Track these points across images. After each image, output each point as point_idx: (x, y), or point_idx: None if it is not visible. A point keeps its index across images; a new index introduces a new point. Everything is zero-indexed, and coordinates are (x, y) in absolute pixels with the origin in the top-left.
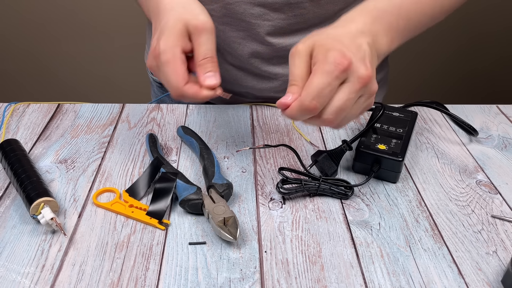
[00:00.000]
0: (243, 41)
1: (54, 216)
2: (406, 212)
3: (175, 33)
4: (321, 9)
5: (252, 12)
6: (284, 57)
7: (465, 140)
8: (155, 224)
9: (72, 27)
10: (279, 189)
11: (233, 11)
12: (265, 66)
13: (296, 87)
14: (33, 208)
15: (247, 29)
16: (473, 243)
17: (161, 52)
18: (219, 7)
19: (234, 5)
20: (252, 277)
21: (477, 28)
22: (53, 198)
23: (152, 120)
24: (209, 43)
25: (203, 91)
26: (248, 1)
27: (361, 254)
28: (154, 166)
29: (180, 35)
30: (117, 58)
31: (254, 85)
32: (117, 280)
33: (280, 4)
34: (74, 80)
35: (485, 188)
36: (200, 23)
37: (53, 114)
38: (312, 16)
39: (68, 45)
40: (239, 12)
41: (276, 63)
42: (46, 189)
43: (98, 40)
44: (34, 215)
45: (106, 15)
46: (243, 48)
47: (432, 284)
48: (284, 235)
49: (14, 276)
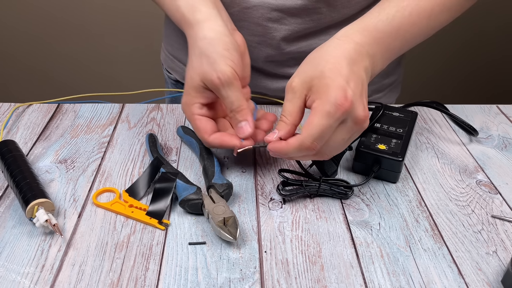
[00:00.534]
0: (258, 45)
1: (48, 218)
2: (406, 212)
3: (192, 91)
4: (337, 13)
5: (270, 16)
6: (298, 58)
7: (465, 140)
8: (155, 224)
9: (72, 27)
10: (279, 191)
11: (250, 15)
12: (280, 68)
13: (284, 124)
14: (28, 211)
15: (263, 34)
16: (473, 243)
17: (183, 112)
18: (237, 11)
19: (252, 9)
20: (252, 277)
21: (477, 28)
22: (47, 198)
23: (152, 120)
24: (232, 94)
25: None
26: (266, 6)
27: (361, 254)
28: (154, 166)
29: (197, 91)
30: (117, 58)
31: (268, 85)
32: (117, 280)
33: (297, 9)
34: (74, 80)
35: (485, 188)
36: (215, 78)
37: (53, 114)
38: (328, 20)
39: (68, 45)
40: (256, 17)
41: (290, 65)
42: (42, 190)
43: (98, 40)
44: (31, 218)
45: (106, 15)
46: (258, 52)
47: (432, 284)
48: (284, 235)
49: (14, 276)
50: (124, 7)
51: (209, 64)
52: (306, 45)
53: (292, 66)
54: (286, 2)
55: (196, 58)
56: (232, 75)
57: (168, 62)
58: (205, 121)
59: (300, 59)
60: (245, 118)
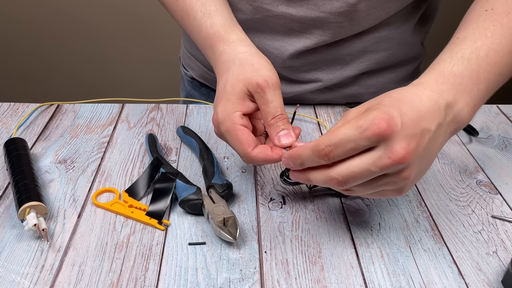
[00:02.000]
0: (275, 51)
1: (37, 223)
2: (406, 212)
3: (234, 98)
4: (358, 26)
5: (291, 26)
6: (314, 64)
7: (465, 140)
8: (154, 224)
9: (72, 27)
10: (284, 178)
11: (273, 23)
12: (295, 74)
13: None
14: (20, 213)
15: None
16: (473, 243)
17: (220, 122)
18: (259, 18)
19: (274, 18)
20: (252, 277)
21: None
22: (41, 201)
23: (151, 120)
24: (275, 99)
25: (273, 154)
26: (287, 17)
27: (361, 255)
28: (153, 166)
29: (239, 98)
30: (118, 58)
31: (283, 89)
32: (117, 280)
33: (318, 22)
34: (74, 80)
35: (485, 188)
36: (262, 81)
37: (52, 114)
38: (349, 31)
39: (68, 45)
40: (278, 25)
41: (306, 70)
42: (37, 192)
43: (98, 39)
44: (23, 220)
45: (106, 15)
46: (275, 57)
47: (432, 284)
48: (284, 235)
49: (13, 277)
50: (125, 7)
51: (253, 70)
52: (324, 54)
53: (308, 71)
54: (307, 14)
55: (237, 67)
56: (278, 80)
57: (186, 60)
58: (247, 133)
59: (317, 64)
60: (287, 127)
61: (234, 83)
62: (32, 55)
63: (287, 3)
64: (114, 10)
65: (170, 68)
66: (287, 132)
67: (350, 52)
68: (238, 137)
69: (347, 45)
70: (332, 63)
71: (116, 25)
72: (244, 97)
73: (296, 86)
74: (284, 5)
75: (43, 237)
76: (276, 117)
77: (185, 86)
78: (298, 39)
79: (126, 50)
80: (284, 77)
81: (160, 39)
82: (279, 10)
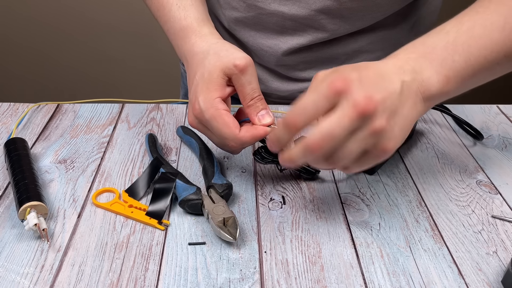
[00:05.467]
0: (269, 49)
1: (38, 222)
2: (406, 212)
3: (213, 85)
4: (351, 25)
5: (284, 24)
6: (309, 62)
7: (465, 140)
8: (154, 224)
9: (72, 28)
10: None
11: (266, 21)
12: (291, 71)
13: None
14: (21, 213)
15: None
16: (473, 243)
17: (204, 110)
18: (253, 16)
19: (267, 16)
20: (252, 277)
21: None
22: (42, 201)
23: (151, 120)
24: (253, 81)
25: (259, 130)
26: (280, 15)
27: (361, 255)
28: (153, 166)
29: (217, 84)
30: (118, 58)
31: (279, 86)
32: (117, 280)
33: (310, 21)
34: (74, 80)
35: (485, 188)
36: (240, 62)
37: (52, 114)
38: (342, 31)
39: (68, 45)
40: (271, 23)
41: (301, 69)
42: (38, 192)
43: (98, 40)
44: (23, 220)
45: (106, 15)
46: (269, 56)
47: (432, 284)
48: (284, 235)
49: (13, 277)
50: (125, 7)
51: (229, 55)
52: (320, 53)
53: (302, 70)
54: (299, 12)
55: (213, 56)
56: (251, 60)
57: None
58: (232, 116)
59: (312, 63)
60: (265, 107)
61: (211, 70)
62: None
63: (279, 1)
64: (114, 10)
65: (170, 68)
66: (266, 111)
67: (345, 52)
68: (224, 121)
69: (342, 45)
70: (328, 62)
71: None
72: (222, 83)
73: (292, 84)
74: (276, 3)
75: (43, 237)
76: (255, 98)
77: (184, 83)
78: (291, 37)
79: (126, 50)
80: (279, 75)
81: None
82: (271, 8)
